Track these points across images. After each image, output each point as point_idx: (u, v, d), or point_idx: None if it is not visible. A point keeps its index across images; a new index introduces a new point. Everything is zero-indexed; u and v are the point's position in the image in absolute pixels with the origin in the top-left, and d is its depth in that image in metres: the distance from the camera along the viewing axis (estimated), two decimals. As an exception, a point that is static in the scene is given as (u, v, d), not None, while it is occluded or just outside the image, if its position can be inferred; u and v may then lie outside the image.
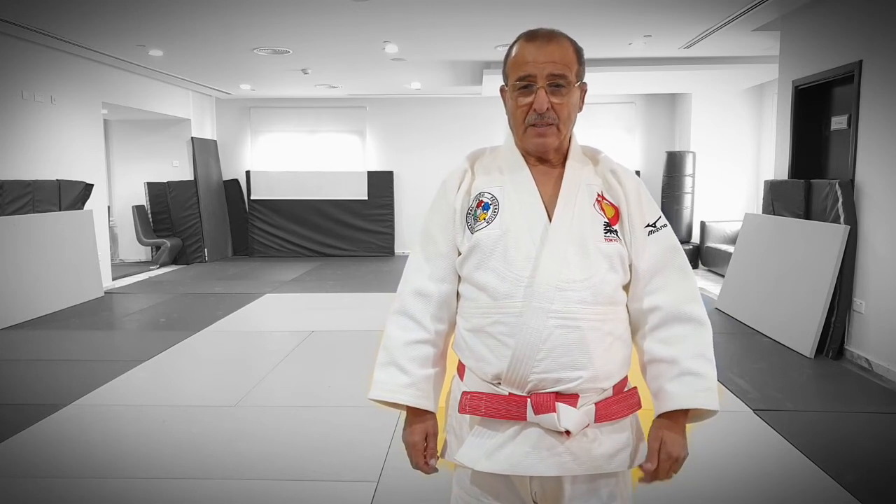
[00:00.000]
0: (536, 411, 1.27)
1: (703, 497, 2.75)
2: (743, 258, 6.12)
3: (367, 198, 11.02)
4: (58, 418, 3.64)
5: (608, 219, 1.32)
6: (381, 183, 11.02)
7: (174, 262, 10.05)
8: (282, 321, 6.30)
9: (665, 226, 1.37)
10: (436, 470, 1.41)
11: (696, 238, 9.56)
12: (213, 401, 3.94)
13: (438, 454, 1.42)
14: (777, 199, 5.69)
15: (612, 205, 1.34)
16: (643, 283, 1.34)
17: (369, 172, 11.02)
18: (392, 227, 11.04)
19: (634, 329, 1.38)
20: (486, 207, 1.34)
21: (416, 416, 1.40)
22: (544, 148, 1.33)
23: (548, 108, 1.28)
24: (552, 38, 1.31)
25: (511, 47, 1.35)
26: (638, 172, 10.58)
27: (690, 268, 1.39)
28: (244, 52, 7.30)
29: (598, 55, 7.44)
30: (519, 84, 1.30)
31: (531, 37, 1.32)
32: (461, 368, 1.39)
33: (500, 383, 1.30)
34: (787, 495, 2.78)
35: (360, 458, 3.09)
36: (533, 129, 1.30)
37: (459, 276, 1.38)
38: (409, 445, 1.40)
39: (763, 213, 6.01)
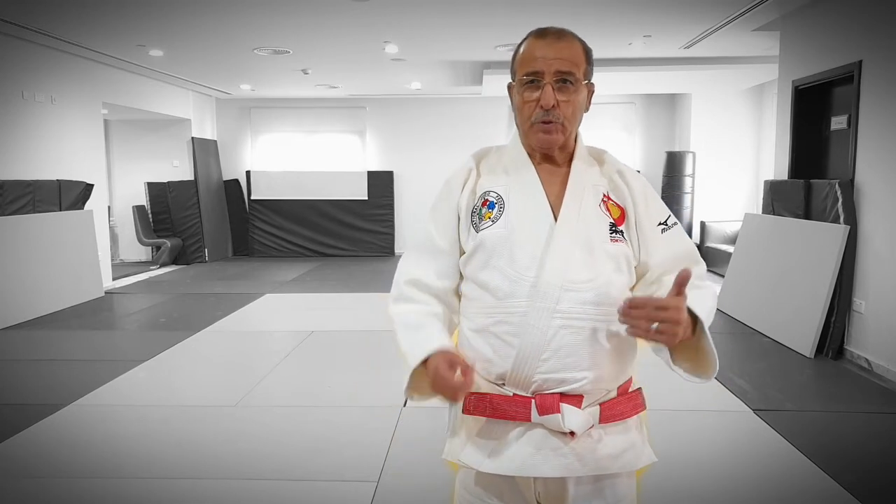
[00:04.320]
0: (541, 412, 1.26)
1: (703, 497, 2.75)
2: (743, 258, 6.12)
3: (367, 198, 11.02)
4: (58, 418, 3.64)
5: (614, 219, 1.32)
6: (381, 183, 11.02)
7: (174, 262, 10.05)
8: (282, 321, 6.30)
9: (676, 223, 1.37)
10: (472, 383, 1.23)
11: (696, 238, 9.55)
12: (213, 401, 3.94)
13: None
14: (777, 199, 5.69)
15: (617, 205, 1.34)
16: (658, 279, 1.33)
17: (369, 172, 11.03)
18: (392, 227, 11.04)
19: None
20: (491, 206, 1.33)
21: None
22: (549, 145, 1.32)
23: (554, 105, 1.28)
24: (562, 36, 1.31)
25: (520, 44, 1.34)
26: (638, 172, 10.55)
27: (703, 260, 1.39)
28: (244, 52, 7.30)
29: (598, 55, 7.28)
30: (526, 79, 1.30)
31: (541, 34, 1.32)
32: None
33: (504, 384, 1.29)
34: (787, 495, 2.78)
35: (360, 458, 3.09)
36: (538, 125, 1.30)
37: (462, 276, 1.37)
38: (436, 374, 1.21)
39: (763, 213, 6.01)
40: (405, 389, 1.29)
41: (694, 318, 1.23)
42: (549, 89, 1.27)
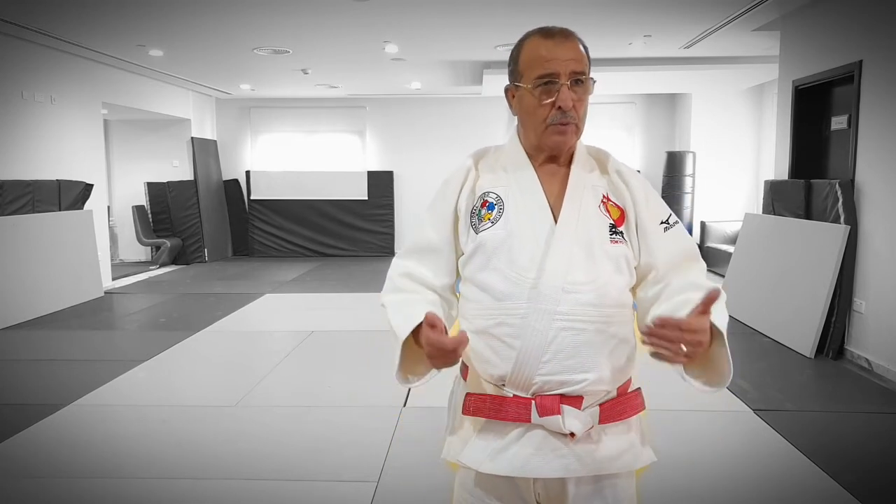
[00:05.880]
0: (541, 413, 1.26)
1: (703, 497, 2.75)
2: (743, 258, 6.12)
3: (367, 198, 11.02)
4: (58, 418, 3.64)
5: (613, 220, 1.32)
6: (381, 183, 11.02)
7: (174, 262, 10.05)
8: (282, 321, 6.30)
9: (677, 222, 1.37)
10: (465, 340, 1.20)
11: (696, 238, 9.56)
12: (213, 401, 3.94)
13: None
14: (777, 199, 5.69)
15: (617, 206, 1.33)
16: (662, 278, 1.33)
17: (369, 172, 11.03)
18: (392, 227, 11.04)
19: (646, 310, 1.33)
20: (490, 207, 1.32)
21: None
22: (561, 146, 1.32)
23: (572, 105, 1.28)
24: (569, 36, 1.31)
25: (522, 45, 1.33)
26: (638, 172, 10.55)
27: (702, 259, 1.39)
28: (244, 52, 7.30)
29: (598, 55, 7.43)
30: (540, 82, 1.28)
31: (547, 34, 1.30)
32: (464, 370, 1.38)
33: (504, 385, 1.29)
34: (787, 495, 2.78)
35: (360, 458, 3.09)
36: (554, 127, 1.29)
37: (459, 276, 1.37)
38: (427, 341, 1.19)
39: (763, 213, 6.01)
40: (396, 371, 1.28)
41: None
42: (566, 90, 1.27)
